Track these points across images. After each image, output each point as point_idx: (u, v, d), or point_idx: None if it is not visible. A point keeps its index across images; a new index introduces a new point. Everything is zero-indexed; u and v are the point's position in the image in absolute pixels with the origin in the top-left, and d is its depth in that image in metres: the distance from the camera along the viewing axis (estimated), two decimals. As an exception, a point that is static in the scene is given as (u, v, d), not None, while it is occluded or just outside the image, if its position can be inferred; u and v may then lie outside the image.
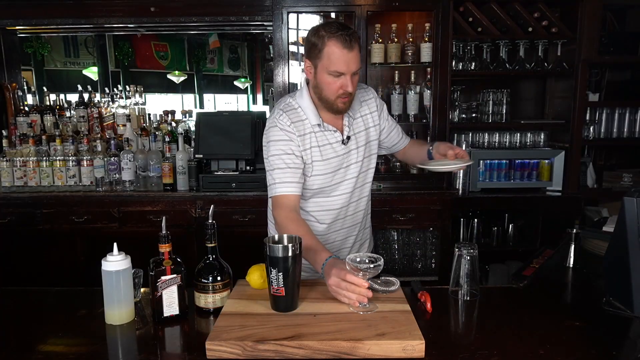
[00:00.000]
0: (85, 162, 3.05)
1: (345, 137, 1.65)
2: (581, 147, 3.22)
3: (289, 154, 1.56)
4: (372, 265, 1.25)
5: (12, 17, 3.17)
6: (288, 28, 2.97)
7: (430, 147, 1.71)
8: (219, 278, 1.34)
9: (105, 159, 3.04)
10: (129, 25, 3.27)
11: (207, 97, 10.42)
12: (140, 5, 3.08)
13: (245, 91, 10.73)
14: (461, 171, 3.16)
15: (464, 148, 3.10)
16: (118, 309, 1.27)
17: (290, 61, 3.06)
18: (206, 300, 1.34)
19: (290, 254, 1.24)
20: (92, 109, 3.45)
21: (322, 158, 1.62)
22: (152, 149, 3.22)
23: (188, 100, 10.02)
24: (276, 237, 1.32)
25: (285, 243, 1.29)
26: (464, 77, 3.33)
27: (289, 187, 1.55)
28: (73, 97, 3.69)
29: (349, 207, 1.74)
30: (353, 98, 1.59)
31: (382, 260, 1.28)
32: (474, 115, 3.30)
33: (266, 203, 1.76)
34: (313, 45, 1.49)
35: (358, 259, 1.28)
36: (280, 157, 1.56)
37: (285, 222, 1.50)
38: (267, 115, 2.49)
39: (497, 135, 3.30)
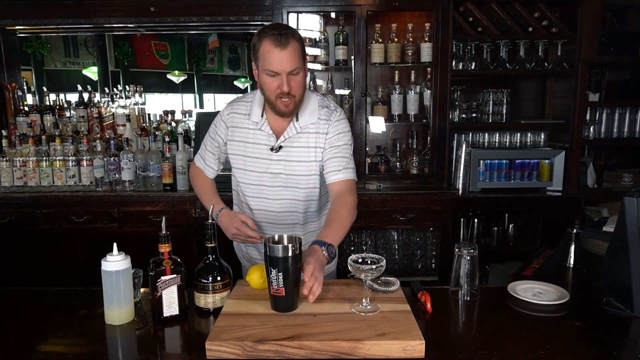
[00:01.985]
0: (85, 162, 3.05)
1: (277, 145, 1.62)
2: (581, 147, 3.22)
3: (213, 139, 1.75)
4: (374, 266, 1.25)
5: (12, 17, 3.17)
6: (288, 28, 2.97)
7: (319, 242, 1.41)
8: (219, 278, 1.34)
9: (105, 159, 3.03)
10: (129, 25, 3.27)
11: (207, 97, 10.42)
12: (140, 5, 3.08)
13: (245, 91, 10.73)
14: (461, 171, 3.16)
15: (464, 148, 3.16)
16: (118, 309, 1.27)
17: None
18: (206, 300, 1.34)
19: (290, 254, 1.24)
20: (92, 109, 3.44)
21: (244, 154, 1.67)
22: (152, 149, 3.22)
23: (188, 100, 10.02)
24: (276, 237, 1.32)
25: (285, 243, 1.29)
26: (464, 77, 3.33)
27: (208, 169, 1.79)
28: (73, 97, 3.69)
29: (287, 214, 1.71)
30: (298, 101, 1.54)
31: (384, 261, 1.28)
32: (474, 115, 3.30)
33: None
34: (254, 46, 1.52)
35: (360, 260, 1.28)
36: (208, 137, 1.77)
37: (197, 183, 1.82)
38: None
39: (497, 135, 3.30)
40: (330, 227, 1.50)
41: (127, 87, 4.01)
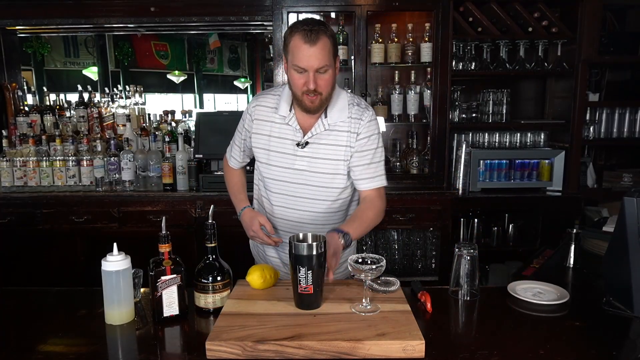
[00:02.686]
0: (85, 162, 3.05)
1: (303, 141, 1.58)
2: (581, 147, 3.22)
3: (239, 132, 1.76)
4: (374, 267, 1.25)
5: (12, 17, 3.17)
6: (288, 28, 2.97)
7: (338, 230, 1.49)
8: (219, 278, 1.34)
9: (105, 159, 3.03)
10: (129, 25, 3.27)
11: (207, 97, 10.42)
12: (140, 5, 3.08)
13: (245, 91, 10.72)
14: (461, 171, 3.16)
15: (464, 148, 3.15)
16: (118, 309, 1.27)
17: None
18: (206, 300, 1.34)
19: (318, 251, 1.25)
20: (92, 109, 3.44)
21: (268, 148, 1.64)
22: (152, 149, 3.22)
23: (188, 100, 10.02)
24: (301, 235, 1.33)
25: (310, 241, 1.30)
26: (464, 77, 3.33)
27: (232, 160, 1.83)
28: (73, 97, 3.69)
29: (307, 213, 1.66)
30: (325, 99, 1.51)
31: (385, 261, 1.28)
32: (474, 115, 3.30)
33: None
34: (285, 40, 1.50)
35: (360, 260, 1.28)
36: (237, 132, 1.78)
37: (231, 181, 1.85)
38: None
39: (497, 135, 3.30)
40: (353, 222, 1.56)
41: (127, 87, 4.01)
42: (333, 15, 3.15)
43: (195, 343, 1.18)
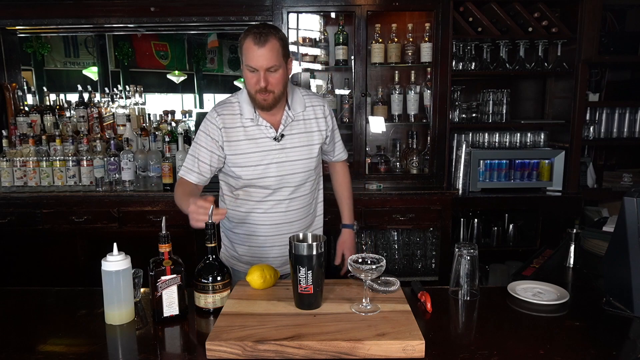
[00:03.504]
0: (85, 162, 3.05)
1: (279, 135, 1.70)
2: (581, 147, 3.22)
3: (204, 148, 1.70)
4: (374, 267, 1.25)
5: (12, 17, 3.17)
6: (288, 28, 2.97)
7: (346, 226, 1.99)
8: (219, 278, 1.34)
9: (105, 159, 3.03)
10: (128, 25, 3.27)
11: (207, 97, 10.41)
12: (140, 5, 3.08)
13: (245, 91, 10.71)
14: (461, 171, 3.16)
15: (464, 148, 3.15)
16: (118, 309, 1.27)
17: (290, 61, 3.06)
18: (206, 300, 1.34)
19: (318, 251, 1.26)
20: (92, 109, 3.44)
21: (250, 150, 1.68)
22: (152, 149, 3.22)
23: (188, 100, 10.02)
24: (300, 235, 1.33)
25: (310, 241, 1.30)
26: (464, 77, 3.33)
27: (190, 175, 1.72)
28: (73, 97, 3.69)
29: (285, 203, 1.76)
30: (277, 96, 1.62)
31: (384, 261, 1.28)
32: (474, 115, 3.30)
33: None
34: (239, 43, 1.61)
35: (360, 260, 1.28)
36: (196, 147, 1.72)
37: (179, 193, 1.69)
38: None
39: (497, 135, 3.30)
40: (349, 209, 1.99)
41: (127, 87, 4.01)
42: (333, 15, 3.15)
43: (195, 343, 1.18)
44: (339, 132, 1.93)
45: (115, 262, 1.26)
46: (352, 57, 3.04)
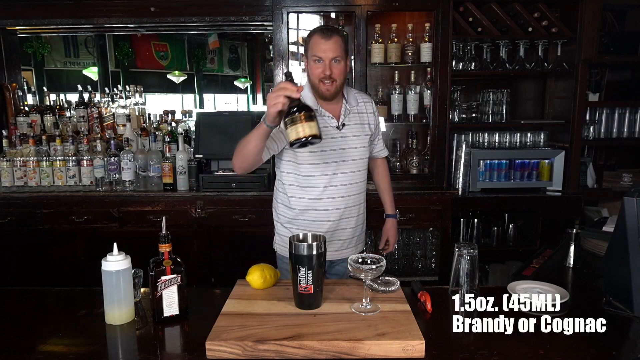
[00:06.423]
0: (85, 162, 3.05)
1: (340, 124, 1.85)
2: (581, 147, 3.22)
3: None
4: (374, 266, 1.25)
5: (12, 17, 3.17)
6: (288, 28, 2.97)
7: (389, 215, 2.22)
8: (304, 111, 1.38)
9: (105, 159, 3.03)
10: (128, 25, 3.27)
11: (207, 97, 10.42)
12: (140, 5, 3.08)
13: (245, 91, 10.73)
14: (461, 171, 3.16)
15: (464, 148, 3.16)
16: (118, 309, 1.27)
17: (290, 61, 3.06)
18: (297, 130, 1.37)
19: (318, 251, 1.26)
20: (92, 109, 3.45)
21: None
22: (152, 149, 3.22)
23: (188, 100, 10.03)
24: (301, 235, 1.34)
25: (310, 241, 1.30)
26: (464, 77, 3.33)
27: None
28: (73, 97, 3.69)
29: (344, 188, 1.87)
30: (339, 86, 1.77)
31: (385, 261, 1.28)
32: (474, 115, 3.30)
33: (266, 203, 1.81)
34: (305, 42, 1.81)
35: (360, 260, 1.28)
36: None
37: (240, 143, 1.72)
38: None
39: (497, 135, 3.29)
40: (390, 200, 2.21)
41: (127, 87, 4.02)
42: (333, 15, 3.15)
43: (195, 343, 1.18)
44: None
45: (116, 262, 1.26)
46: (352, 57, 3.04)
